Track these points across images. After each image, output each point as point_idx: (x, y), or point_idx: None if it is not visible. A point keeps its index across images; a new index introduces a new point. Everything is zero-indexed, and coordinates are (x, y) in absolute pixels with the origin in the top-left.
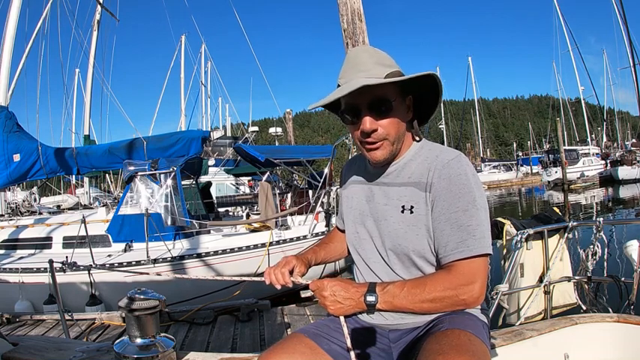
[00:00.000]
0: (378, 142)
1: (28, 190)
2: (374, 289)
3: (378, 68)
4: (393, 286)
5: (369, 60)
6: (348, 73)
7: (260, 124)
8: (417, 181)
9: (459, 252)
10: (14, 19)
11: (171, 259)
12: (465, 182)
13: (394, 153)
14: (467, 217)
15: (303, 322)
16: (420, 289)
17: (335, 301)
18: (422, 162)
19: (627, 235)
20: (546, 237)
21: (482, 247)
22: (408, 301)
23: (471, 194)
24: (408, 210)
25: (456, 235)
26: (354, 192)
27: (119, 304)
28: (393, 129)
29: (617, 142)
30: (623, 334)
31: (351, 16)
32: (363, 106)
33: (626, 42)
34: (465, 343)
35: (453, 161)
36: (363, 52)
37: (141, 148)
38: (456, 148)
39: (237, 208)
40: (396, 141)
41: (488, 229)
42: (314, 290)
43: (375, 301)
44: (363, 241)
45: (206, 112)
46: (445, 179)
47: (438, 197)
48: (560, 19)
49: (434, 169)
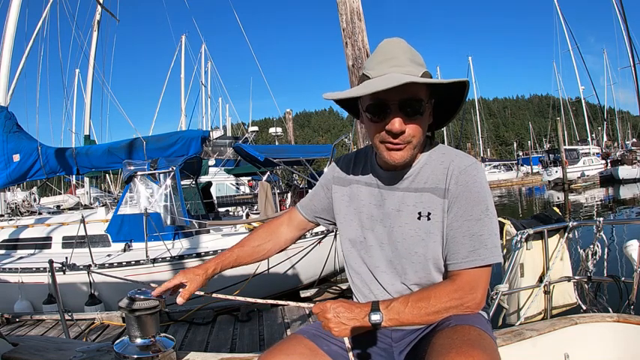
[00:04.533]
0: (402, 145)
1: (27, 190)
2: (377, 307)
3: (413, 66)
4: (397, 303)
5: (403, 55)
6: (381, 66)
7: (260, 124)
8: (435, 187)
9: (471, 261)
10: (14, 20)
11: (170, 259)
12: (480, 190)
13: (413, 157)
14: (479, 226)
15: (302, 323)
16: (424, 302)
17: (339, 322)
18: (437, 167)
19: (627, 235)
20: (546, 237)
21: (493, 257)
22: (414, 316)
23: (485, 203)
24: (425, 217)
25: (467, 243)
26: (359, 193)
27: (119, 305)
28: (418, 132)
29: (618, 141)
30: (623, 334)
31: (350, 15)
32: (394, 104)
33: (626, 41)
34: (476, 338)
35: (470, 168)
36: (397, 46)
37: (140, 148)
38: (457, 147)
39: (237, 208)
40: (417, 145)
41: (498, 236)
42: (317, 313)
43: (380, 319)
44: (371, 248)
45: (206, 112)
46: (462, 186)
47: (454, 204)
48: (561, 18)
49: (450, 175)
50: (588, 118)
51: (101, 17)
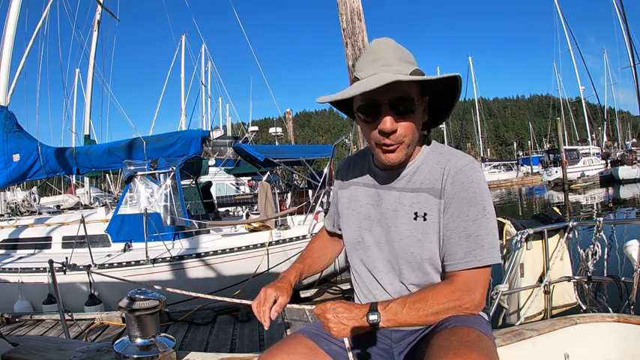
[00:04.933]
0: (395, 145)
1: (27, 190)
2: (376, 308)
3: (402, 64)
4: (395, 304)
5: (392, 55)
6: (370, 66)
7: (260, 124)
8: (431, 187)
9: (467, 262)
10: (14, 19)
11: (170, 259)
12: (477, 190)
13: (408, 156)
14: (476, 226)
15: (302, 323)
16: (422, 303)
17: (338, 322)
18: (434, 166)
19: (627, 235)
20: (546, 237)
21: (491, 258)
22: (412, 317)
23: (482, 203)
24: (421, 217)
25: (464, 244)
26: (357, 194)
27: (119, 305)
28: (411, 131)
29: (618, 141)
30: (623, 334)
31: (350, 15)
32: (385, 103)
33: (626, 41)
34: (475, 340)
35: (467, 167)
36: (385, 46)
37: (140, 148)
38: (457, 147)
39: (237, 208)
40: (411, 144)
41: (496, 237)
42: (318, 314)
43: (378, 319)
44: (369, 249)
45: (206, 112)
46: (458, 186)
47: (450, 204)
48: (561, 18)
49: (447, 175)
50: (588, 118)
51: (101, 17)
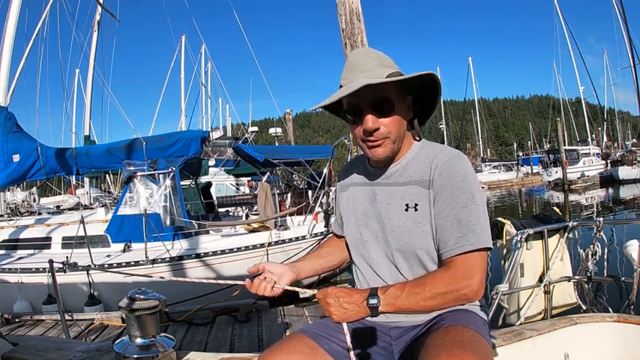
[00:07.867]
0: (380, 140)
1: (27, 190)
2: (376, 292)
3: (378, 69)
4: (394, 288)
5: (369, 61)
6: (350, 74)
7: (260, 124)
8: (420, 179)
9: (460, 247)
10: (14, 20)
11: (170, 260)
12: (465, 179)
13: (395, 151)
14: (466, 212)
15: (301, 323)
16: (420, 288)
17: (339, 307)
18: (423, 161)
19: (627, 235)
20: (546, 237)
21: (482, 242)
22: (410, 302)
23: (470, 190)
24: (412, 208)
25: (456, 230)
26: (355, 193)
27: (119, 305)
28: (394, 127)
29: (618, 142)
30: (623, 334)
31: (349, 15)
32: (365, 105)
33: (626, 41)
34: (468, 340)
35: (453, 159)
36: (363, 54)
37: (140, 149)
38: (457, 148)
39: (237, 208)
40: (397, 139)
41: (487, 224)
42: (319, 299)
43: (377, 303)
44: (367, 243)
45: (206, 112)
46: (445, 176)
47: (439, 194)
48: (561, 18)
49: (435, 167)
50: (588, 118)
51: (101, 17)
